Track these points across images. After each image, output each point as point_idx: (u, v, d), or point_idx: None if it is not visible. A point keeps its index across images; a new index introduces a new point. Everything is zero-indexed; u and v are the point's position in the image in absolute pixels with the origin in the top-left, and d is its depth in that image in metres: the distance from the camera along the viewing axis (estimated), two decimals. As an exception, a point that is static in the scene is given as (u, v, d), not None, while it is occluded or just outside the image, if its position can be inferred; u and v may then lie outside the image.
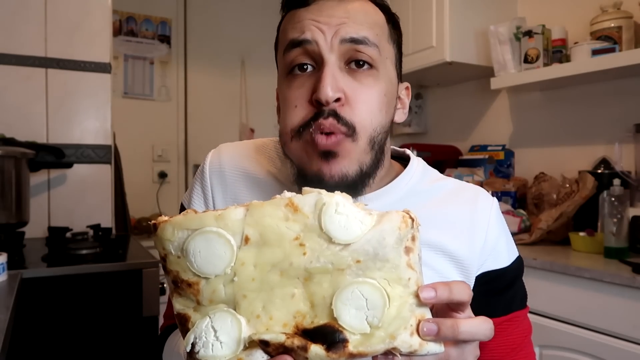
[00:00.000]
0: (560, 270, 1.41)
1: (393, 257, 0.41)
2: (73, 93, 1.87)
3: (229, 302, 0.42)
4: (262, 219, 0.42)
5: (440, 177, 0.73)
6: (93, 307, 1.31)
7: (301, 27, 0.60)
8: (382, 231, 0.41)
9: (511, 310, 0.68)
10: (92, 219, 1.83)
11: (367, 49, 0.60)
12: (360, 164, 0.60)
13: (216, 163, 0.75)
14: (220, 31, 3.11)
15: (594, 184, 1.67)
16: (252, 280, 0.42)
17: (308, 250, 0.41)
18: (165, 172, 2.98)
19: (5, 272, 1.14)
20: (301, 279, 0.42)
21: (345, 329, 0.40)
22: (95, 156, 1.91)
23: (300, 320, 0.41)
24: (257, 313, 0.42)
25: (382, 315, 0.41)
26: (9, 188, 1.58)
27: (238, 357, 0.41)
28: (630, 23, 1.69)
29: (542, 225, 1.70)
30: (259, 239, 0.42)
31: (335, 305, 0.41)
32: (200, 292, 0.42)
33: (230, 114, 3.16)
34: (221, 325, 0.42)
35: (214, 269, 0.42)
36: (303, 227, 0.42)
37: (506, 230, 0.71)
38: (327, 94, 0.57)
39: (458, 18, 2.04)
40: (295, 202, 0.42)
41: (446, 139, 2.54)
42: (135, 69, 2.93)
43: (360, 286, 0.41)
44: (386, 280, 0.41)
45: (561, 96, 2.01)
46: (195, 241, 0.42)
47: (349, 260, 0.41)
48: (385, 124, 0.62)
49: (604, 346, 1.30)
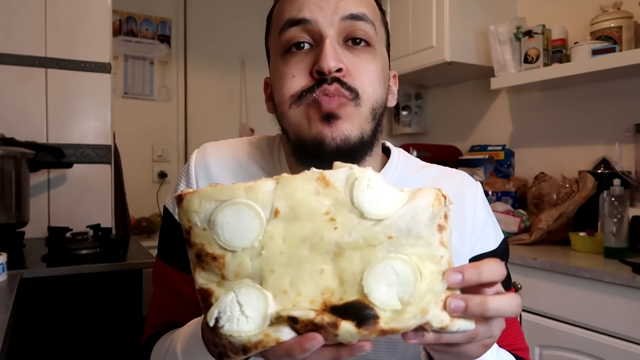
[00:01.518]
0: (560, 270, 1.41)
1: (426, 235, 0.41)
2: (73, 93, 1.87)
3: (255, 277, 0.41)
4: (293, 192, 0.41)
5: (423, 166, 0.74)
6: (93, 307, 1.31)
7: (299, 5, 0.61)
8: (415, 207, 0.41)
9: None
10: (92, 219, 1.83)
11: (365, 26, 0.62)
12: (361, 130, 0.60)
13: (201, 162, 0.72)
14: (220, 31, 3.11)
15: (594, 184, 1.67)
16: (281, 254, 0.41)
17: (339, 225, 0.40)
18: (165, 172, 2.98)
19: (5, 272, 1.13)
20: (331, 255, 0.41)
21: (376, 306, 0.39)
22: (95, 156, 1.91)
23: (329, 297, 0.40)
24: (284, 288, 0.40)
25: (414, 291, 0.40)
26: (9, 188, 1.58)
27: (265, 333, 0.40)
28: (630, 23, 1.69)
29: (542, 225, 1.70)
30: (289, 213, 0.41)
31: (365, 281, 0.40)
32: (225, 265, 0.41)
33: (230, 114, 3.16)
34: (247, 300, 0.40)
35: (241, 241, 0.41)
36: (334, 202, 0.41)
37: (491, 213, 0.73)
38: (329, 64, 0.58)
39: (458, 18, 2.04)
40: (326, 176, 0.41)
41: (446, 139, 2.54)
42: (135, 69, 2.93)
43: (392, 261, 0.40)
44: (418, 257, 0.41)
45: (561, 96, 2.01)
46: (224, 212, 0.41)
47: (381, 236, 0.40)
48: (383, 99, 0.64)
49: (604, 346, 1.30)
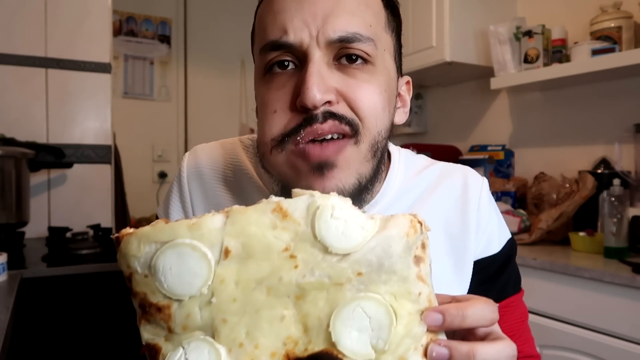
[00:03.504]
0: (560, 270, 1.41)
1: (401, 269, 0.36)
2: (73, 93, 1.87)
3: (206, 329, 0.36)
4: (246, 228, 0.35)
5: (424, 166, 0.68)
6: (93, 307, 1.31)
7: (282, 23, 0.51)
8: (387, 238, 0.36)
9: (506, 296, 0.65)
10: (92, 219, 1.83)
11: (360, 45, 0.51)
12: (359, 176, 0.52)
13: (193, 165, 0.68)
14: (220, 31, 3.11)
15: (594, 184, 1.67)
16: (234, 301, 0.36)
17: (300, 263, 0.35)
18: (165, 172, 2.98)
19: (5, 272, 1.14)
20: (292, 298, 0.36)
21: (346, 356, 0.35)
22: (95, 156, 1.91)
23: (292, 348, 0.35)
24: (239, 341, 0.35)
25: (389, 336, 0.35)
26: (9, 188, 1.58)
27: None
28: (630, 23, 1.69)
29: (542, 225, 1.70)
30: (242, 252, 0.36)
31: (333, 327, 0.35)
32: (172, 317, 0.36)
33: (230, 114, 3.16)
34: (197, 357, 0.35)
35: (188, 288, 0.35)
36: (294, 236, 0.35)
37: (497, 210, 0.68)
38: (315, 97, 0.48)
39: (458, 18, 2.04)
40: (284, 206, 0.36)
41: (446, 139, 2.54)
42: (135, 69, 2.93)
43: (362, 302, 0.35)
44: (393, 295, 0.36)
45: (561, 96, 2.01)
46: (165, 256, 0.35)
47: (348, 273, 0.35)
48: (387, 126, 0.54)
49: (604, 346, 1.30)
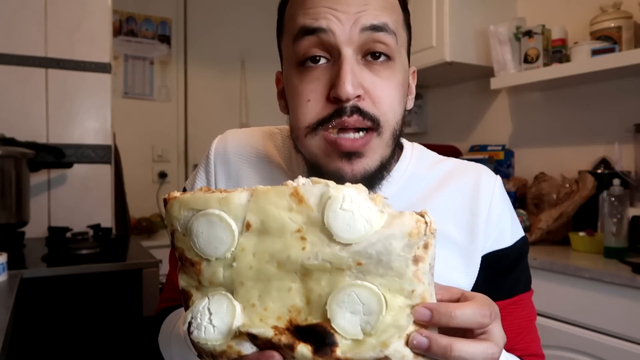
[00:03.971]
0: (560, 270, 1.41)
1: (398, 266, 0.38)
2: (73, 93, 1.87)
3: (227, 286, 0.41)
4: (265, 207, 0.40)
5: (439, 160, 0.71)
6: (93, 307, 1.31)
7: (315, 13, 0.56)
8: (389, 236, 0.38)
9: (516, 293, 0.66)
10: (92, 219, 1.83)
11: (386, 37, 0.56)
12: (382, 158, 0.59)
13: (221, 148, 0.74)
14: (220, 31, 3.11)
15: (593, 184, 1.67)
16: (250, 269, 0.40)
17: (308, 245, 0.39)
18: (165, 172, 2.98)
19: (5, 272, 1.13)
20: (299, 274, 0.40)
21: (337, 332, 0.38)
22: (95, 156, 1.91)
23: (295, 316, 0.40)
24: (252, 301, 0.40)
25: (376, 322, 0.38)
26: (9, 188, 1.58)
27: (228, 344, 0.41)
28: (630, 23, 1.69)
29: (542, 225, 1.70)
30: (261, 227, 0.40)
31: (329, 306, 0.38)
32: (201, 272, 0.42)
33: (230, 114, 3.16)
34: (217, 308, 0.41)
35: (215, 251, 0.41)
36: (306, 220, 0.39)
37: (510, 208, 0.68)
38: (348, 91, 0.54)
39: (458, 18, 2.04)
40: (300, 192, 0.39)
41: (446, 139, 2.54)
42: (135, 69, 2.93)
43: (357, 289, 0.38)
44: (387, 288, 0.38)
45: (561, 96, 2.01)
46: (199, 222, 0.41)
47: (349, 262, 0.38)
48: (402, 114, 0.61)
49: (604, 346, 1.30)
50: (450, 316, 0.38)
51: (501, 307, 0.63)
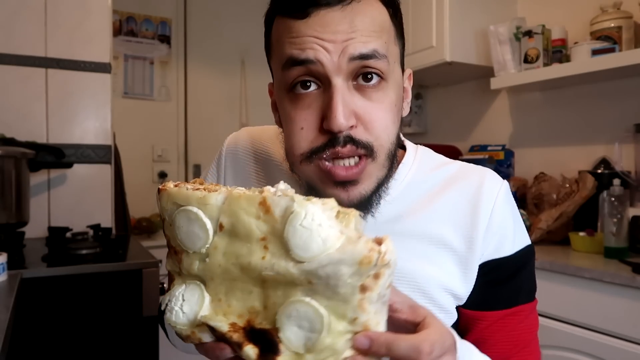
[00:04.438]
0: (560, 270, 1.41)
1: (344, 292, 0.38)
2: (73, 93, 1.87)
3: (200, 278, 0.45)
4: (237, 211, 0.41)
5: (443, 163, 0.69)
6: (93, 307, 1.31)
7: (301, 43, 0.55)
8: (340, 260, 0.38)
9: (516, 304, 0.64)
10: (92, 219, 1.83)
11: (376, 63, 0.56)
12: (378, 180, 0.59)
13: (232, 145, 0.78)
14: (220, 31, 3.11)
15: (594, 184, 1.67)
16: (219, 266, 0.43)
17: (268, 255, 0.40)
18: (165, 172, 2.98)
19: (5, 272, 1.13)
20: (258, 280, 0.42)
21: (282, 342, 0.40)
22: (95, 156, 1.91)
23: (253, 317, 0.42)
24: (219, 297, 0.44)
25: (316, 341, 0.39)
26: (9, 188, 1.58)
27: (192, 330, 0.44)
28: (630, 23, 1.69)
29: (542, 225, 1.70)
30: (231, 229, 0.42)
31: (279, 317, 0.40)
32: (182, 261, 0.45)
33: (230, 114, 3.16)
34: (190, 297, 0.44)
35: (192, 245, 0.44)
36: (271, 230, 0.40)
37: (515, 215, 0.66)
38: (341, 124, 0.53)
39: (458, 18, 2.04)
40: (268, 202, 0.40)
41: (446, 139, 2.54)
42: (135, 69, 2.93)
43: (304, 307, 0.39)
44: (332, 311, 0.39)
45: (561, 96, 2.01)
46: (180, 216, 0.44)
47: (301, 279, 0.39)
48: (397, 133, 0.60)
49: (604, 346, 1.30)
50: (389, 349, 0.39)
51: (498, 317, 0.63)
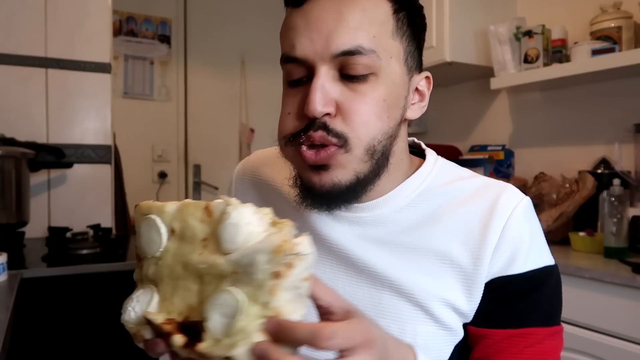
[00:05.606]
0: (560, 270, 1.40)
1: (259, 278, 0.42)
2: (73, 93, 1.87)
3: (154, 282, 0.48)
4: (186, 217, 0.46)
5: (463, 177, 0.66)
6: (93, 307, 1.31)
7: (292, 38, 0.58)
8: (257, 249, 0.42)
9: (525, 325, 0.61)
10: (92, 219, 1.83)
11: (361, 59, 0.56)
12: (356, 173, 0.58)
13: (241, 170, 0.81)
14: (220, 31, 3.11)
15: (593, 184, 1.67)
16: (167, 267, 0.47)
17: (205, 252, 0.44)
18: (165, 172, 2.98)
19: (5, 272, 1.14)
20: (197, 277, 0.45)
21: (206, 331, 0.43)
22: (95, 156, 1.91)
23: (190, 313, 0.45)
24: (166, 296, 0.47)
25: (233, 326, 0.42)
26: (9, 188, 1.58)
27: (137, 328, 0.48)
28: (630, 23, 1.69)
29: (541, 225, 1.70)
30: (181, 233, 0.46)
31: (206, 307, 0.43)
32: (142, 267, 0.49)
33: (230, 114, 3.16)
34: (143, 298, 0.48)
35: (150, 249, 0.48)
36: (211, 231, 0.45)
37: (534, 232, 0.63)
38: (315, 109, 0.55)
39: (458, 18, 2.04)
40: (210, 207, 0.45)
41: (446, 139, 2.54)
42: (135, 69, 2.93)
43: (225, 294, 0.43)
44: (249, 296, 0.42)
45: (561, 96, 2.01)
46: (142, 224, 0.48)
47: (228, 270, 0.43)
48: (387, 130, 0.59)
49: (604, 346, 1.30)
50: (290, 331, 0.40)
51: (503, 337, 0.60)
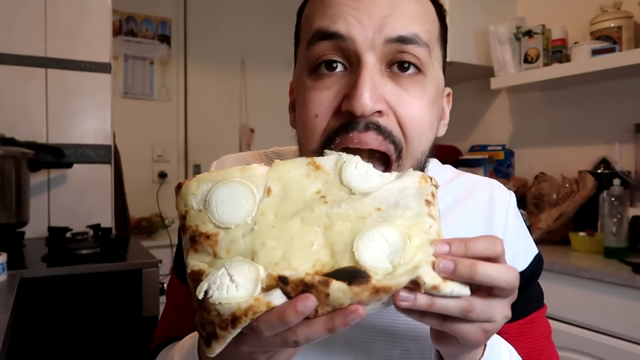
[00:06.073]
0: (560, 270, 1.41)
1: (414, 207, 0.42)
2: (73, 93, 1.87)
3: (246, 254, 0.41)
4: (285, 174, 0.43)
5: (453, 177, 0.66)
6: (93, 307, 1.31)
7: (333, 14, 0.48)
8: (403, 183, 0.43)
9: (529, 312, 0.63)
10: (92, 219, 1.83)
11: (416, 50, 0.48)
12: None
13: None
14: (220, 31, 3.11)
15: (594, 184, 1.67)
16: (272, 228, 0.41)
17: (329, 201, 0.42)
18: (165, 172, 2.98)
19: (5, 272, 1.13)
20: (322, 228, 0.41)
21: (368, 269, 0.39)
22: (95, 156, 1.91)
23: (320, 269, 0.40)
24: (275, 261, 0.40)
25: (404, 254, 0.39)
26: (9, 188, 1.58)
27: (255, 298, 0.38)
28: (630, 23, 1.69)
29: (542, 225, 1.70)
30: (281, 192, 0.43)
31: (356, 248, 0.39)
32: (218, 243, 0.42)
33: (230, 114, 3.16)
34: (238, 272, 0.40)
35: (234, 218, 0.42)
36: (324, 183, 0.43)
37: (523, 226, 0.64)
38: (366, 104, 0.45)
39: (458, 18, 2.04)
40: (317, 161, 0.44)
41: (446, 139, 2.54)
42: (135, 69, 2.93)
43: (381, 229, 0.40)
44: (407, 225, 0.41)
45: (561, 96, 2.01)
46: (219, 191, 0.43)
47: (370, 208, 0.42)
48: (431, 144, 0.53)
49: (604, 346, 1.30)
50: (466, 246, 0.39)
51: (515, 328, 0.61)
